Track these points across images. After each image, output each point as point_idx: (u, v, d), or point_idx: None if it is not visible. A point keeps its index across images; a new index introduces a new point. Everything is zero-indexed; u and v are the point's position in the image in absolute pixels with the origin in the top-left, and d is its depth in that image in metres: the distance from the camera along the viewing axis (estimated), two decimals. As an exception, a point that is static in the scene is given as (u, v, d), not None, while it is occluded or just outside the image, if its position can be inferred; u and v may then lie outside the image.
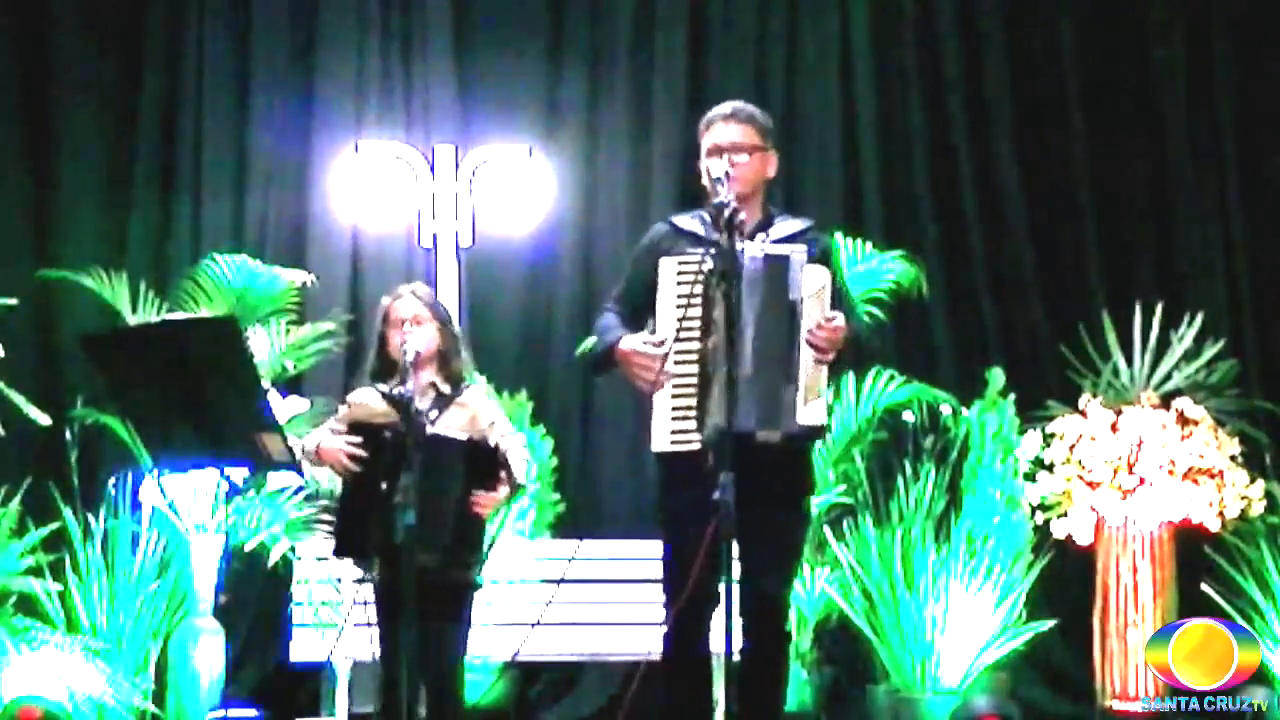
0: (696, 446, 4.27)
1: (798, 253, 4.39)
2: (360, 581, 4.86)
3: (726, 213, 4.19)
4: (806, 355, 4.35)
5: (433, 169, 7.41)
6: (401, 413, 4.54)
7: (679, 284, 4.35)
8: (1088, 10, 8.14)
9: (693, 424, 4.31)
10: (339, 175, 7.47)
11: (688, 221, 4.63)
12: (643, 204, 7.71)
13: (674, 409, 4.34)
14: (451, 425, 4.78)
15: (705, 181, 4.58)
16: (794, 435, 4.37)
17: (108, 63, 7.65)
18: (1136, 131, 8.12)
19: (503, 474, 4.73)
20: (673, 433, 4.35)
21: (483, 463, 4.70)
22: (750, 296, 4.24)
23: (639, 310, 4.55)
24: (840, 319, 4.39)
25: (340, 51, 7.75)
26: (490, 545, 4.74)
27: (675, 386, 4.34)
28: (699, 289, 4.29)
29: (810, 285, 4.36)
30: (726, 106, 4.69)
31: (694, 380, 4.32)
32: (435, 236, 7.38)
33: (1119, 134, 8.10)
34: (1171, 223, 8.09)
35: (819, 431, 4.47)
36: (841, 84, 7.98)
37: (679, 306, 4.33)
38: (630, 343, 4.43)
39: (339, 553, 4.83)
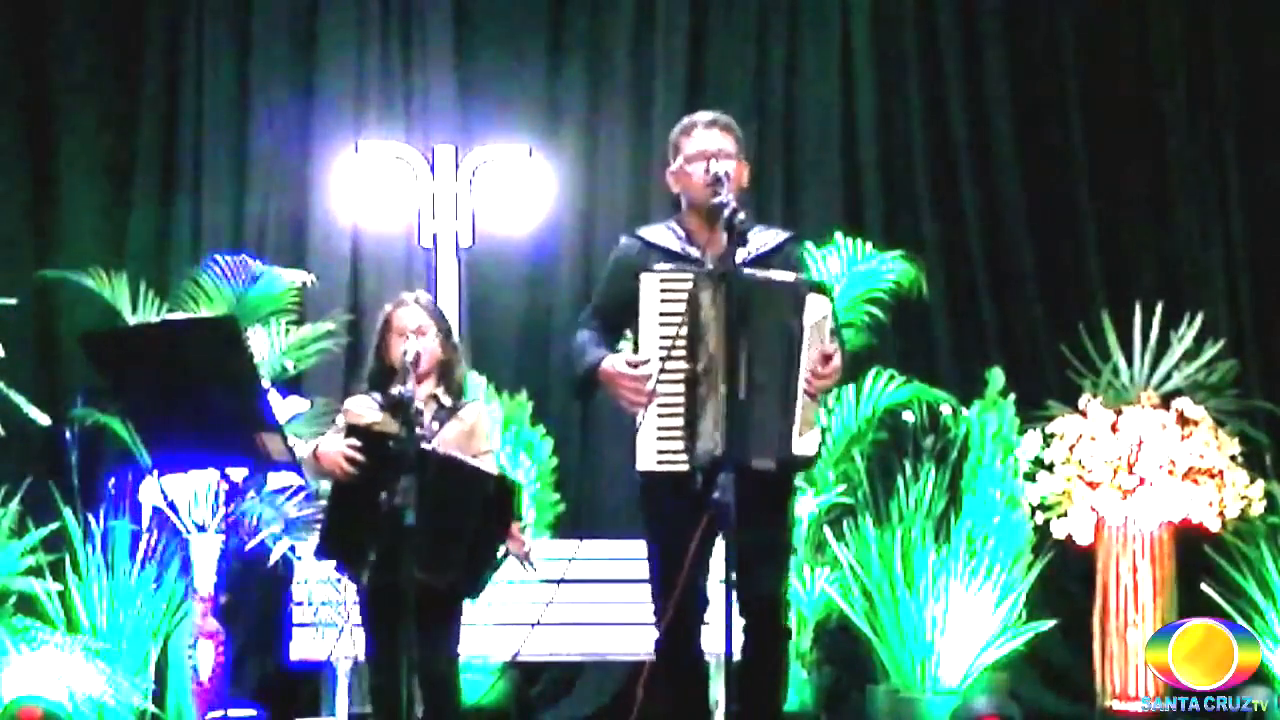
0: (684, 468, 4.24)
1: (801, 280, 4.36)
2: (353, 580, 4.85)
3: (726, 213, 4.18)
4: (803, 386, 4.32)
5: (433, 169, 7.40)
6: (401, 413, 4.53)
7: (663, 301, 4.29)
8: (1088, 10, 8.14)
9: (679, 445, 4.27)
10: (339, 175, 7.46)
11: (658, 235, 4.58)
12: (643, 204, 7.70)
13: (660, 429, 4.29)
14: (447, 438, 4.78)
15: (675, 187, 4.57)
16: (788, 465, 4.35)
17: (108, 62, 7.65)
18: (1136, 131, 8.12)
19: (515, 507, 4.74)
20: (659, 452, 4.29)
21: (504, 498, 4.71)
22: (747, 322, 4.16)
23: (615, 327, 4.52)
24: (838, 358, 4.36)
25: (340, 51, 7.75)
26: (495, 569, 4.74)
27: (661, 406, 4.28)
28: (683, 307, 4.23)
29: (811, 315, 4.31)
30: (705, 115, 4.66)
31: (680, 401, 4.28)
32: (435, 236, 7.37)
33: (1119, 134, 8.10)
34: (1171, 223, 8.09)
35: (811, 461, 4.46)
36: (841, 84, 7.98)
37: (663, 325, 4.27)
38: (613, 363, 4.37)
39: (321, 554, 4.82)
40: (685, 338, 4.25)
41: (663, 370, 4.26)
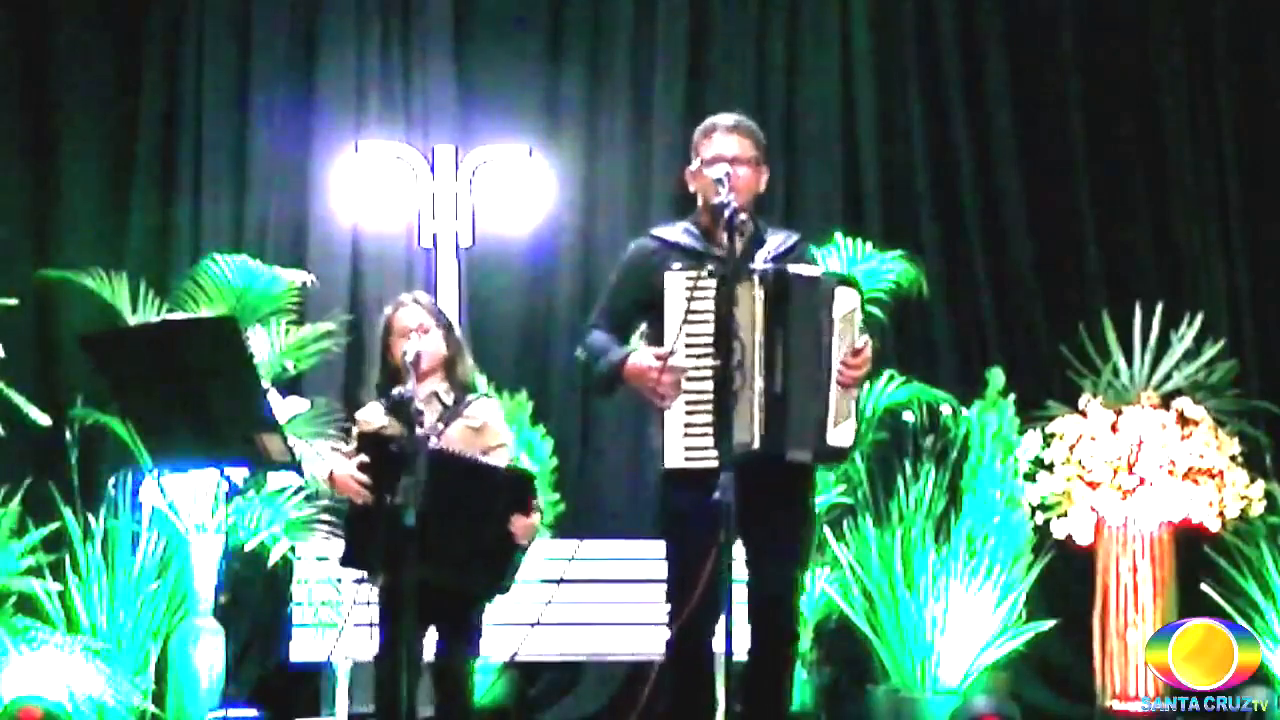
0: (713, 464, 4.21)
1: (830, 274, 4.39)
2: (361, 582, 4.85)
3: (727, 213, 4.20)
4: (835, 377, 4.34)
5: (433, 169, 7.41)
6: (401, 414, 4.53)
7: (689, 298, 4.28)
8: (1088, 10, 8.14)
9: (708, 440, 4.26)
10: (339, 175, 7.47)
11: (675, 234, 4.59)
12: (643, 204, 7.71)
13: (687, 425, 4.30)
14: (452, 436, 4.77)
15: (693, 187, 4.58)
16: (823, 456, 4.37)
17: (108, 63, 7.65)
18: (1136, 131, 8.11)
19: (531, 500, 4.74)
20: (687, 449, 4.30)
21: (521, 491, 4.71)
22: (781, 316, 4.22)
23: (627, 328, 4.52)
24: (869, 348, 4.39)
25: (340, 51, 7.75)
26: (519, 561, 4.73)
27: (688, 402, 4.29)
28: (709, 304, 4.25)
29: (841, 307, 4.35)
30: (728, 118, 4.66)
31: (708, 396, 4.28)
32: (435, 236, 7.38)
33: (1119, 133, 8.09)
34: (1171, 223, 8.09)
35: (846, 452, 4.47)
36: (841, 84, 7.99)
37: (689, 322, 4.28)
38: (641, 358, 4.37)
39: (346, 563, 4.81)
40: (715, 334, 4.26)
41: (690, 366, 4.28)
